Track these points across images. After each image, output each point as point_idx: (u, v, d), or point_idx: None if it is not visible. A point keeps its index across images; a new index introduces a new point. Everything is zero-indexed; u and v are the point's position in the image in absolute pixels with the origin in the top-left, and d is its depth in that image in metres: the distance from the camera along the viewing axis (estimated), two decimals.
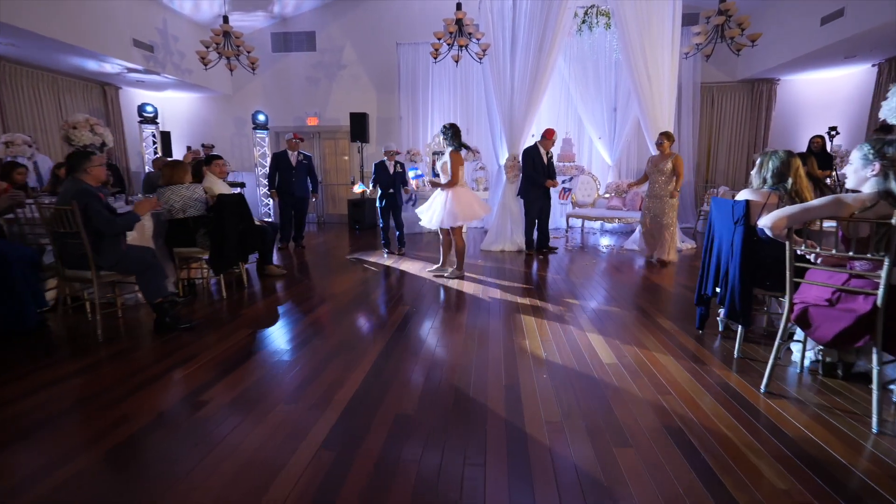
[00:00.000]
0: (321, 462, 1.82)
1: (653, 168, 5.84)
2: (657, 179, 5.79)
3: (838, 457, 1.83)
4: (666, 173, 5.71)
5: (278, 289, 4.65)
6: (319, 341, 3.17)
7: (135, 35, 7.72)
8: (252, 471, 1.77)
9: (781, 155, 2.71)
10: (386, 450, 1.91)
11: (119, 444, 1.97)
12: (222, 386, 2.50)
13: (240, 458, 1.86)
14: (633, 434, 2.00)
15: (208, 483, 1.70)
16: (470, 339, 3.18)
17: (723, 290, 2.87)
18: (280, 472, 1.76)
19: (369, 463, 1.82)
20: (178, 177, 4.19)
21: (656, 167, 5.78)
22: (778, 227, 2.13)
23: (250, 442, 1.98)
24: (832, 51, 7.43)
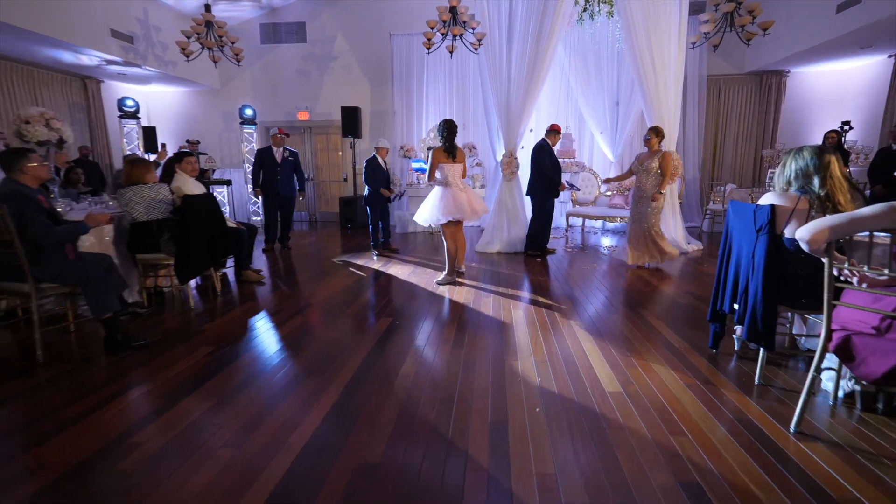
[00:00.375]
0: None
1: (639, 166, 5.34)
2: (643, 179, 5.28)
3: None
4: (653, 172, 5.21)
5: (253, 297, 4.30)
6: (283, 365, 2.82)
7: (112, 25, 7.33)
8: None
9: (809, 151, 2.34)
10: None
11: (24, 500, 1.63)
12: (162, 423, 2.16)
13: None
14: (644, 496, 1.65)
15: None
16: (455, 360, 2.83)
17: (742, 308, 2.51)
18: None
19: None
20: (140, 176, 3.83)
21: (642, 165, 5.28)
22: (818, 240, 1.78)
23: (183, 496, 1.63)
24: (847, 40, 7.03)
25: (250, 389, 2.49)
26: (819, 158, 2.28)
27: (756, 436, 2.01)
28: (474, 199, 4.83)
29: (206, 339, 3.21)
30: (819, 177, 2.26)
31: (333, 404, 2.32)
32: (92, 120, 8.69)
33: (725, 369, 2.68)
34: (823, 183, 2.23)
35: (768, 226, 2.30)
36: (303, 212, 10.69)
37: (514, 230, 6.54)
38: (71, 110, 8.33)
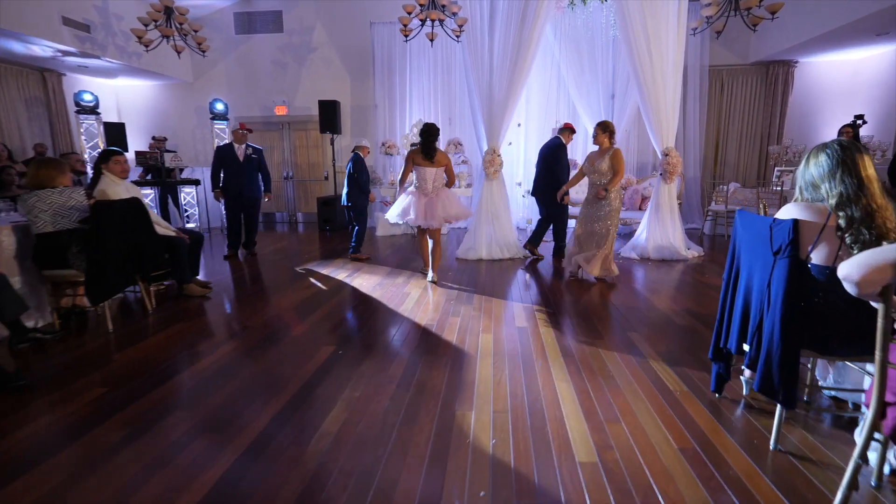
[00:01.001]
0: None
1: (589, 167, 4.74)
2: (595, 181, 4.68)
3: None
4: (603, 173, 4.59)
5: (188, 317, 3.75)
6: (185, 411, 2.28)
7: (65, 12, 6.76)
8: None
9: (828, 144, 1.79)
10: None
11: None
12: (20, 485, 1.62)
13: None
14: None
15: None
16: (395, 408, 2.28)
17: (753, 351, 1.96)
18: None
19: None
20: (47, 178, 3.29)
21: (593, 165, 4.68)
22: (874, 281, 1.22)
23: None
24: (863, 26, 6.44)
25: (127, 451, 1.94)
26: (852, 158, 1.73)
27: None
28: (450, 205, 4.60)
29: (104, 377, 2.66)
30: (839, 176, 1.71)
31: (223, 475, 1.78)
32: (53, 115, 8.13)
33: (731, 424, 2.13)
34: (859, 191, 1.67)
35: (790, 247, 1.75)
36: (282, 212, 10.15)
37: (499, 235, 5.98)
38: (28, 105, 7.77)
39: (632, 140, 8.49)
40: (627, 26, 5.56)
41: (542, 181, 5.79)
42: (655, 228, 5.89)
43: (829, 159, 1.75)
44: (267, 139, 9.74)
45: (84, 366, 2.82)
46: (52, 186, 3.29)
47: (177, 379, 2.65)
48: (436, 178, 4.60)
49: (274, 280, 4.97)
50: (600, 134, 4.66)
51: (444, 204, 4.55)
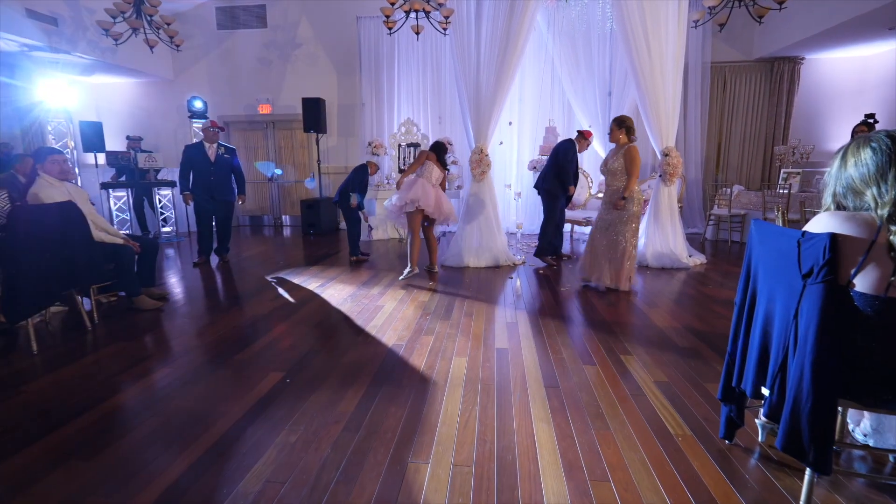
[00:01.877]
0: None
1: (603, 167, 4.40)
2: (609, 182, 4.33)
3: None
4: (616, 174, 4.23)
5: (128, 335, 3.34)
6: (81, 460, 1.87)
7: (28, 5, 6.38)
8: None
9: (884, 139, 1.38)
10: None
11: None
12: None
13: None
14: None
15: None
16: (335, 459, 1.88)
17: (776, 398, 1.55)
18: None
19: None
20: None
21: (606, 165, 4.33)
22: None
23: None
24: (874, 19, 6.06)
25: (40, 486, 1.54)
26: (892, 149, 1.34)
27: None
28: (444, 201, 4.87)
29: (9, 410, 2.26)
30: (894, 177, 1.32)
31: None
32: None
33: (744, 483, 1.72)
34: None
35: (826, 269, 1.34)
36: (268, 215, 9.76)
37: (487, 239, 5.58)
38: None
39: None
40: (625, 19, 5.17)
41: (550, 176, 5.52)
42: (654, 234, 5.48)
43: (877, 156, 1.35)
44: (251, 139, 9.36)
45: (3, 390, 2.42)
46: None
47: (86, 416, 2.24)
48: (441, 180, 4.97)
49: (239, 291, 4.57)
50: (615, 130, 4.28)
51: (439, 197, 4.84)
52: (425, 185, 4.71)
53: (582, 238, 7.57)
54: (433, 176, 4.83)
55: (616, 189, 4.26)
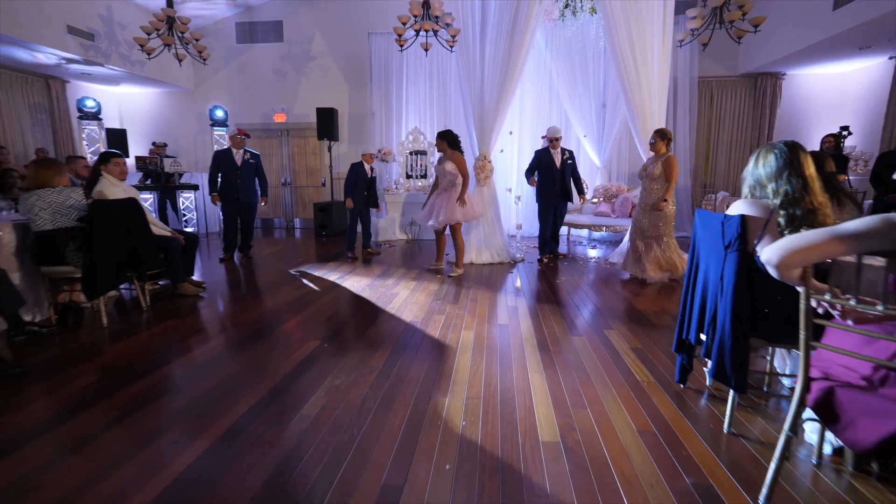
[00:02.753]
0: None
1: (643, 172, 5.00)
2: (648, 186, 4.90)
3: None
4: (656, 179, 4.81)
5: (180, 314, 3.87)
6: (171, 398, 2.39)
7: (69, 21, 6.97)
8: None
9: (782, 147, 1.92)
10: None
11: None
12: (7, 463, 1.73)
13: None
14: None
15: None
16: (373, 395, 2.40)
17: (709, 339, 2.08)
18: None
19: None
20: (47, 178, 3.43)
21: (646, 171, 4.94)
22: (789, 264, 1.35)
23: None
24: (845, 39, 6.62)
25: (110, 433, 2.05)
26: (794, 156, 1.87)
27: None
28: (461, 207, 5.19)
29: (97, 366, 2.78)
30: (786, 176, 1.84)
31: (204, 452, 1.89)
32: (56, 122, 8.31)
33: (690, 412, 2.24)
34: (800, 187, 1.81)
35: (738, 241, 1.87)
36: (280, 218, 10.30)
37: (489, 240, 6.11)
38: (32, 111, 7.96)
39: (623, 148, 8.65)
40: (614, 39, 5.74)
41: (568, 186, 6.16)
42: None
43: (776, 160, 1.88)
44: (266, 146, 9.93)
45: (77, 357, 2.94)
46: (52, 186, 3.43)
47: (165, 369, 2.76)
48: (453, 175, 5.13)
49: (267, 281, 5.09)
50: (658, 141, 4.86)
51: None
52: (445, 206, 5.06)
53: (577, 240, 8.09)
54: (447, 178, 5.08)
55: (655, 192, 4.82)
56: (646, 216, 4.93)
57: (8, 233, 3.37)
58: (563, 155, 6.06)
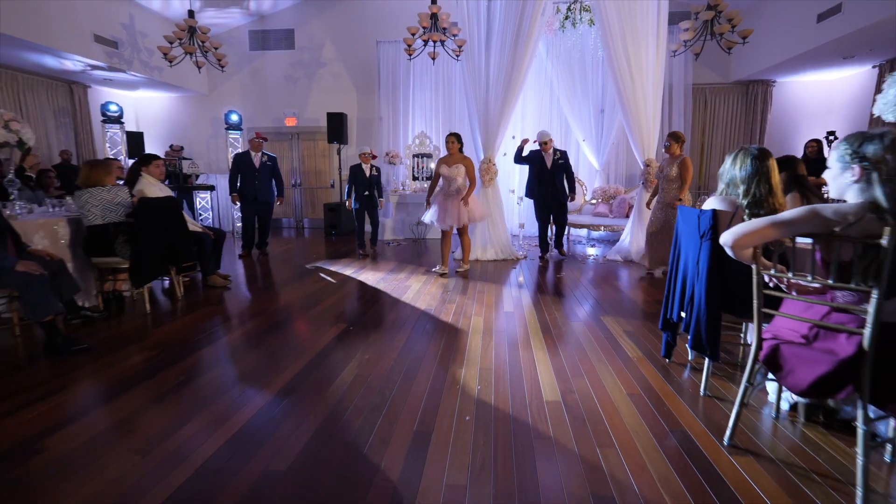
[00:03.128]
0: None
1: (659, 173, 5.42)
2: (664, 186, 5.31)
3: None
4: (673, 179, 5.21)
5: (213, 302, 4.23)
6: (220, 369, 2.75)
7: (96, 30, 7.35)
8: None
9: (752, 152, 2.28)
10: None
11: None
12: (78, 427, 2.08)
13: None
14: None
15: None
16: (398, 367, 2.76)
17: (688, 316, 2.44)
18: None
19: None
20: (98, 178, 3.79)
21: (662, 172, 5.35)
22: (739, 245, 1.71)
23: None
24: (829, 50, 7.00)
25: (178, 395, 2.41)
26: (760, 161, 2.23)
27: (688, 450, 1.92)
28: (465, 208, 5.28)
29: (150, 344, 3.14)
30: (756, 181, 2.20)
31: (259, 409, 2.25)
32: (78, 125, 8.69)
33: (673, 380, 2.60)
34: (760, 187, 2.17)
35: (711, 231, 2.23)
36: (289, 218, 10.67)
37: (494, 237, 6.48)
38: (56, 115, 8.34)
39: (620, 152, 9.01)
40: (609, 47, 6.11)
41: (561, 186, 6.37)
42: (638, 233, 6.37)
43: (751, 166, 2.23)
44: (277, 149, 10.29)
45: (130, 338, 3.30)
46: (102, 185, 3.79)
47: (210, 348, 3.12)
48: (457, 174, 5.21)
49: (288, 274, 5.45)
50: (673, 144, 5.26)
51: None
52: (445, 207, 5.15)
53: (576, 239, 8.46)
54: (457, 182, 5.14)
55: (671, 191, 5.20)
56: (662, 213, 5.33)
57: (63, 227, 3.73)
58: (554, 156, 6.30)
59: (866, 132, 1.56)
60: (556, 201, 6.37)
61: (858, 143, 1.55)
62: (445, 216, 5.16)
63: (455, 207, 5.15)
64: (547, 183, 6.30)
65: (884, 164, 1.48)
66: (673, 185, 5.20)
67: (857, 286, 1.50)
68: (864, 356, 1.51)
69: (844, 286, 1.53)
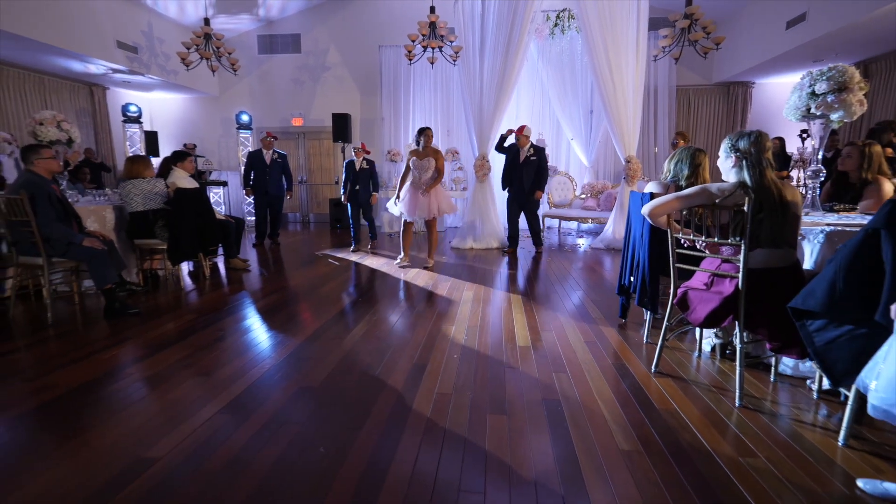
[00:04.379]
0: (216, 424, 1.98)
1: None
2: None
3: (693, 428, 1.97)
4: None
5: (237, 281, 4.81)
6: (252, 327, 3.32)
7: (118, 37, 7.93)
8: (148, 426, 1.93)
9: (690, 149, 2.86)
10: (277, 412, 2.07)
11: (33, 409, 2.13)
12: (148, 364, 2.66)
13: (140, 415, 2.02)
14: (512, 405, 2.15)
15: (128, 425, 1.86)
16: (400, 326, 3.33)
17: (635, 280, 3.01)
18: (180, 425, 1.91)
19: (262, 419, 1.97)
20: (139, 171, 4.37)
21: None
22: (654, 214, 2.28)
23: (151, 408, 2.14)
24: (799, 54, 7.57)
25: (221, 344, 2.99)
26: (693, 157, 2.80)
27: (623, 375, 2.50)
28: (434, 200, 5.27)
29: (191, 309, 3.73)
30: (689, 171, 2.77)
31: (291, 352, 2.83)
32: (97, 125, 9.27)
33: (625, 333, 3.18)
34: (689, 176, 2.74)
35: None
36: (296, 213, 11.24)
37: (487, 228, 7.05)
38: (78, 115, 8.91)
39: (608, 150, 9.58)
40: (592, 52, 6.67)
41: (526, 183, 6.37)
42: (619, 223, 6.94)
43: (687, 155, 2.82)
44: (284, 147, 10.86)
45: (173, 305, 3.88)
46: (142, 177, 4.37)
47: (243, 312, 3.70)
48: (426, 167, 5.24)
49: (299, 260, 6.03)
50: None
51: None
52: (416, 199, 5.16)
53: (567, 231, 9.03)
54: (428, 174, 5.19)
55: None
56: None
57: (109, 213, 4.31)
58: (528, 152, 6.31)
59: (742, 131, 2.14)
60: (523, 194, 6.36)
61: (736, 138, 2.13)
62: (415, 208, 5.18)
63: (425, 199, 5.18)
64: (515, 176, 6.40)
65: (750, 155, 2.06)
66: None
67: (732, 241, 2.08)
68: (739, 293, 2.09)
69: (724, 242, 2.11)
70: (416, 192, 5.22)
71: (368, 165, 6.72)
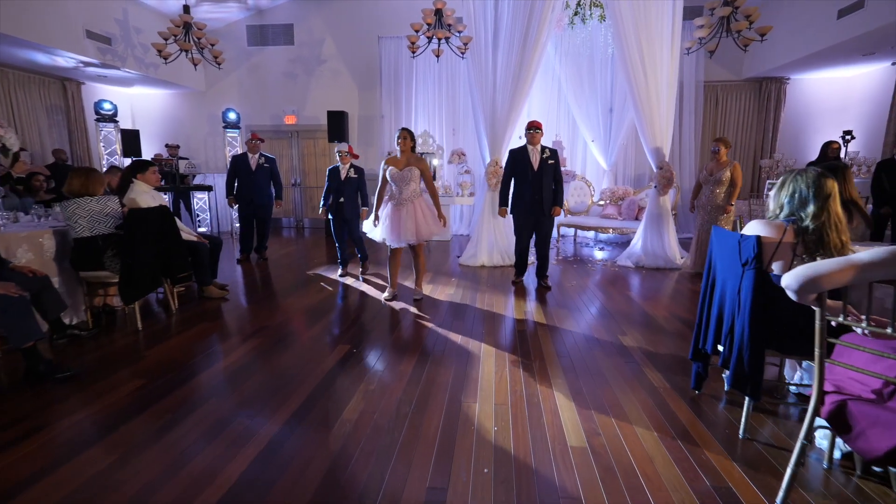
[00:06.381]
0: None
1: (708, 177, 5.41)
2: (713, 190, 5.35)
3: None
4: (723, 183, 5.29)
5: (209, 317, 4.02)
6: (214, 404, 2.53)
7: (88, 26, 7.09)
8: None
9: (810, 175, 2.02)
10: None
11: None
12: (60, 475, 1.88)
13: None
14: None
15: None
16: (407, 399, 2.55)
17: (727, 350, 2.22)
18: None
19: None
20: (85, 187, 3.56)
21: (712, 176, 5.36)
22: (807, 290, 1.49)
23: None
24: (850, 47, 6.75)
25: (170, 435, 2.20)
26: (819, 186, 1.97)
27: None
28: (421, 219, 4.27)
29: (141, 370, 2.93)
30: (815, 206, 1.96)
31: (259, 453, 2.05)
32: (71, 123, 8.44)
33: (708, 417, 2.39)
34: (818, 215, 1.94)
35: (755, 260, 2.01)
36: (290, 217, 10.44)
37: (500, 243, 6.25)
38: (48, 112, 8.08)
39: (629, 152, 8.78)
40: (622, 45, 5.85)
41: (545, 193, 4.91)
42: (649, 238, 6.16)
43: (808, 182, 1.98)
44: (276, 147, 10.05)
45: (119, 360, 3.09)
46: (90, 195, 3.57)
47: (206, 374, 2.91)
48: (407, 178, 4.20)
49: (287, 282, 5.24)
50: (723, 149, 5.32)
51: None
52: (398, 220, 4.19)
53: (584, 241, 8.23)
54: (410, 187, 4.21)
55: (718, 195, 5.31)
56: (708, 216, 5.40)
57: (48, 239, 3.51)
58: (542, 153, 4.94)
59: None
60: (540, 209, 4.88)
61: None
62: (399, 231, 4.16)
63: (410, 219, 4.17)
64: (531, 187, 4.86)
65: None
66: (723, 189, 5.30)
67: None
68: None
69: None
70: (399, 211, 4.20)
71: (357, 174, 5.34)
